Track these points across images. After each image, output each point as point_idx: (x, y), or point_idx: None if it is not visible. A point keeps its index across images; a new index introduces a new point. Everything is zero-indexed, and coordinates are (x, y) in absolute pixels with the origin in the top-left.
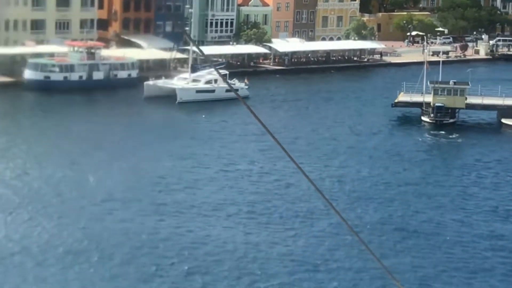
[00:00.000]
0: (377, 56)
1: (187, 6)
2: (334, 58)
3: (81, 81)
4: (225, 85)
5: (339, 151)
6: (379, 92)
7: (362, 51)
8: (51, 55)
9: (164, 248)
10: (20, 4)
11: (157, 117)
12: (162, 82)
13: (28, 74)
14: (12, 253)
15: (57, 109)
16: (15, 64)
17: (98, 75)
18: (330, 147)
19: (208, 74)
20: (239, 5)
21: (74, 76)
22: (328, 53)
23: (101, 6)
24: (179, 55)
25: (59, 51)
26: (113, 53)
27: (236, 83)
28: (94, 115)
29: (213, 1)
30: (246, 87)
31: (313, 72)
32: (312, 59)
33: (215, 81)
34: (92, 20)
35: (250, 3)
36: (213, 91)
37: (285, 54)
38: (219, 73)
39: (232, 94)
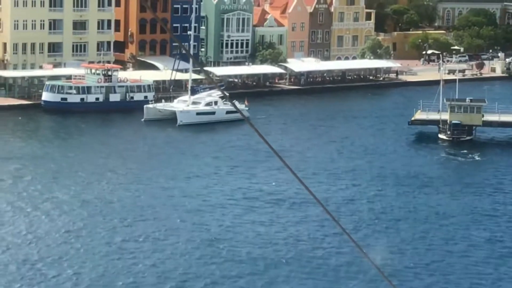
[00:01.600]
0: (392, 75)
1: (202, 27)
2: (350, 78)
3: (98, 103)
4: (225, 107)
5: (355, 170)
6: (395, 111)
7: (377, 70)
8: (68, 77)
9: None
10: (37, 28)
11: (159, 139)
12: (162, 105)
13: (45, 96)
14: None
15: (69, 131)
16: (32, 86)
17: (114, 97)
18: (346, 167)
19: (208, 96)
20: (254, 26)
21: (90, 98)
22: (343, 72)
23: (117, 29)
24: (194, 76)
25: (76, 74)
26: (130, 75)
27: (236, 105)
28: (96, 139)
29: (229, 22)
30: (246, 108)
31: (329, 91)
32: (328, 78)
33: (215, 103)
34: (108, 42)
35: (265, 23)
36: (213, 113)
37: (301, 73)
38: (224, 93)
39: (232, 116)
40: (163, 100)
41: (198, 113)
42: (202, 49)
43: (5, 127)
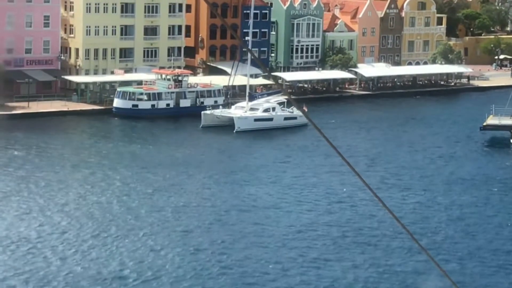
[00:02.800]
0: (464, 80)
1: (273, 33)
2: (421, 83)
3: (168, 108)
4: (283, 113)
5: (426, 175)
6: (467, 116)
7: (449, 75)
8: (139, 82)
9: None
10: (109, 33)
11: (217, 146)
12: (219, 111)
13: (116, 102)
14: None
15: (139, 137)
16: (104, 92)
17: (185, 103)
18: (416, 172)
19: (265, 102)
20: (324, 31)
21: (161, 104)
22: (414, 77)
23: (188, 34)
24: (263, 81)
25: (147, 79)
26: (200, 80)
27: (294, 111)
28: (156, 143)
29: (299, 27)
30: None
31: (400, 96)
32: (398, 83)
33: (273, 109)
34: (179, 48)
35: (335, 28)
36: (271, 119)
37: (371, 79)
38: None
39: (290, 122)
40: (220, 106)
41: (256, 120)
42: (272, 55)
43: (77, 131)
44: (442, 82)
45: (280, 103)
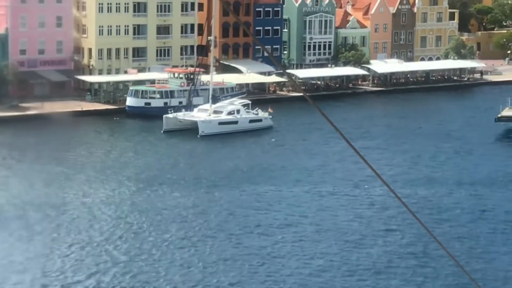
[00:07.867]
0: (477, 75)
1: (285, 30)
2: (434, 78)
3: (181, 106)
4: (248, 116)
5: (439, 170)
6: (481, 110)
7: (462, 70)
8: (152, 82)
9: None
10: (122, 33)
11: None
12: (182, 115)
13: (129, 101)
14: None
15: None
16: (118, 91)
17: (197, 101)
18: (429, 166)
19: (230, 105)
20: (336, 28)
21: (174, 102)
22: (427, 73)
23: (200, 33)
24: (276, 79)
25: (160, 78)
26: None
27: (260, 113)
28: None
29: (311, 24)
30: (270, 116)
31: (413, 92)
32: (411, 79)
33: (238, 111)
34: (192, 47)
35: (347, 25)
36: (236, 122)
37: (384, 75)
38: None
39: (256, 125)
40: (183, 110)
41: (220, 123)
42: (285, 52)
43: (91, 131)
44: (455, 77)
45: (244, 105)
